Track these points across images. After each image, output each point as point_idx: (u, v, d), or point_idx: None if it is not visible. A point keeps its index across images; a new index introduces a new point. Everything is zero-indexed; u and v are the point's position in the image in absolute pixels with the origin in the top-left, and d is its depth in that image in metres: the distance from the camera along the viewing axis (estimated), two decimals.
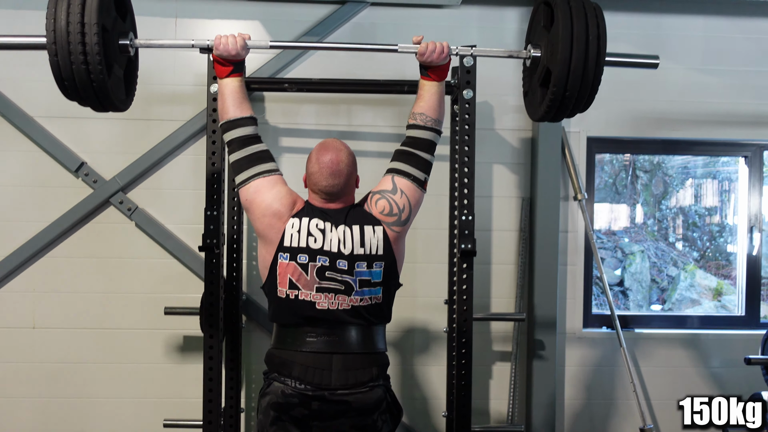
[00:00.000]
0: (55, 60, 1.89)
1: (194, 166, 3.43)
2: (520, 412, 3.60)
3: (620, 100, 3.58)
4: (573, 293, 3.60)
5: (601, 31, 1.99)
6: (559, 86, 2.01)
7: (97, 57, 1.88)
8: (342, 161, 2.12)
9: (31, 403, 3.46)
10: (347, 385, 2.04)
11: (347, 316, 2.06)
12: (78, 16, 1.84)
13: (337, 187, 2.11)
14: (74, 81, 1.93)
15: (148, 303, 3.44)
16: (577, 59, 1.97)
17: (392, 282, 2.15)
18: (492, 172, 3.54)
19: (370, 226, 2.10)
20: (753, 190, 3.77)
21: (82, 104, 2.07)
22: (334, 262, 2.05)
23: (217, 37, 2.11)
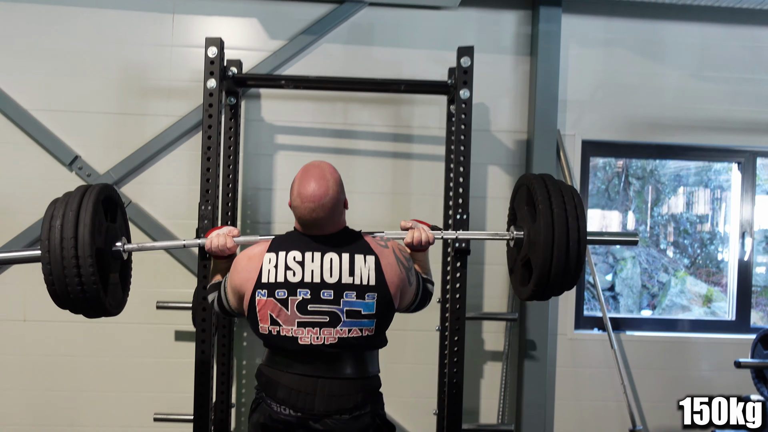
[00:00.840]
0: (49, 278, 1.93)
1: (189, 161, 3.43)
2: (510, 411, 3.60)
3: (616, 104, 3.60)
4: (565, 294, 3.60)
5: (581, 218, 2.01)
6: (543, 273, 2.02)
7: (92, 278, 1.93)
8: (326, 195, 1.97)
9: (21, 396, 3.45)
10: (330, 411, 1.97)
11: (333, 350, 1.97)
12: (72, 242, 1.89)
13: (322, 220, 1.99)
14: (70, 296, 1.97)
15: (140, 297, 3.41)
16: (559, 249, 1.99)
17: (388, 312, 2.02)
18: (487, 173, 3.55)
19: (361, 255, 1.99)
20: (745, 196, 3.80)
21: (74, 311, 2.09)
22: (318, 293, 1.96)
23: (208, 240, 2.16)
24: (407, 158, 3.53)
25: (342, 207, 2.05)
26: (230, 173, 3.23)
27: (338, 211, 2.03)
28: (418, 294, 2.13)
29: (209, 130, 2.85)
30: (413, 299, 2.13)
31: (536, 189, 2.05)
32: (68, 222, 1.90)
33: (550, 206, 2.00)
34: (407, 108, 3.52)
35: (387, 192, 3.50)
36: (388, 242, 2.08)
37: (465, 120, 2.86)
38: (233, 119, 3.24)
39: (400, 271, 2.04)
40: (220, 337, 3.21)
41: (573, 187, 2.09)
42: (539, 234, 2.00)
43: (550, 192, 2.04)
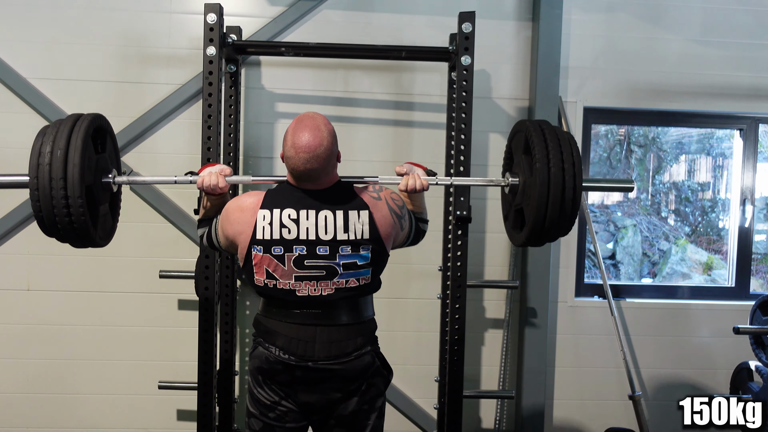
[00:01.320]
0: (36, 204, 1.88)
1: (189, 130, 3.42)
2: (511, 378, 3.64)
3: (618, 70, 3.58)
4: (566, 262, 3.63)
5: (576, 159, 1.97)
6: (538, 218, 1.99)
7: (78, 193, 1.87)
8: (320, 145, 1.95)
9: (25, 365, 3.48)
10: (330, 356, 2.01)
11: (331, 298, 2.01)
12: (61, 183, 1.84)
13: (315, 172, 1.97)
14: (57, 223, 1.90)
15: (143, 266, 3.44)
16: (554, 194, 1.95)
17: (382, 259, 2.07)
18: (488, 140, 3.54)
19: (354, 211, 2.00)
20: (747, 163, 3.79)
21: (60, 240, 2.02)
22: (313, 249, 1.97)
23: (200, 177, 2.12)
24: (408, 126, 3.51)
25: (335, 160, 2.04)
26: (231, 142, 3.22)
27: (332, 164, 2.01)
28: (410, 235, 2.18)
29: (209, 98, 2.83)
30: (406, 239, 2.18)
31: (534, 141, 2.00)
32: (57, 161, 1.84)
33: (547, 162, 1.95)
34: (408, 75, 3.50)
35: (388, 160, 3.49)
36: (380, 192, 2.09)
37: (466, 87, 2.84)
38: (233, 87, 3.22)
39: (393, 221, 2.07)
40: (222, 306, 3.24)
41: (570, 134, 2.05)
42: (535, 188, 1.97)
43: (548, 144, 1.98)
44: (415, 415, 3.59)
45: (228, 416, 3.26)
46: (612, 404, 3.68)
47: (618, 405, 3.66)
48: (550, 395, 3.68)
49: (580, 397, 3.69)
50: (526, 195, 2.05)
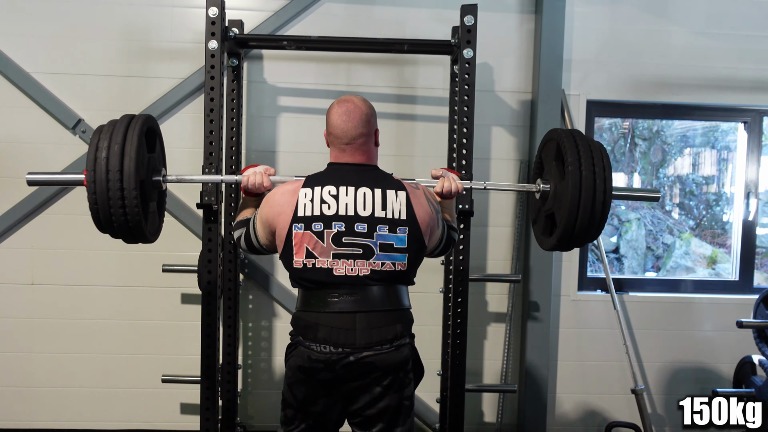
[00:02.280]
0: (93, 198, 1.96)
1: (192, 124, 3.42)
2: (513, 372, 3.64)
3: (621, 63, 3.56)
4: (569, 256, 3.63)
5: (608, 173, 2.06)
6: (568, 225, 2.08)
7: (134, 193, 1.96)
8: (363, 110, 2.09)
9: (29, 358, 3.50)
10: (371, 343, 2.01)
11: (368, 281, 2.02)
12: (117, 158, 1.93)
13: (362, 136, 2.08)
14: (112, 220, 2.00)
15: (146, 260, 3.45)
16: (585, 203, 2.04)
17: (419, 247, 2.08)
18: (491, 134, 3.53)
19: (393, 191, 2.05)
20: (751, 156, 3.78)
21: (114, 236, 2.12)
22: (352, 225, 2.00)
23: (245, 177, 2.22)
24: (411, 119, 3.50)
25: (375, 134, 2.15)
26: (233, 136, 3.22)
27: (373, 132, 2.13)
28: (442, 239, 2.22)
29: (211, 92, 2.83)
30: (438, 243, 2.21)
31: (566, 147, 2.09)
32: (114, 155, 1.93)
33: (579, 166, 2.04)
34: (411, 68, 3.49)
35: (390, 154, 3.49)
36: (419, 185, 2.17)
37: (468, 80, 2.83)
38: (235, 81, 3.22)
39: (430, 210, 2.11)
40: (225, 300, 3.25)
41: (601, 144, 2.13)
42: (567, 192, 2.06)
43: (580, 150, 2.07)
44: (418, 408, 3.59)
45: (231, 410, 3.27)
46: (614, 398, 3.68)
47: (620, 399, 3.66)
48: (553, 389, 3.68)
49: (582, 391, 3.70)
50: (557, 200, 2.15)
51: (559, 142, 2.15)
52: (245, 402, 3.59)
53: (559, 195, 2.15)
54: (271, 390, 3.58)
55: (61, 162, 3.38)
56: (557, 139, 2.17)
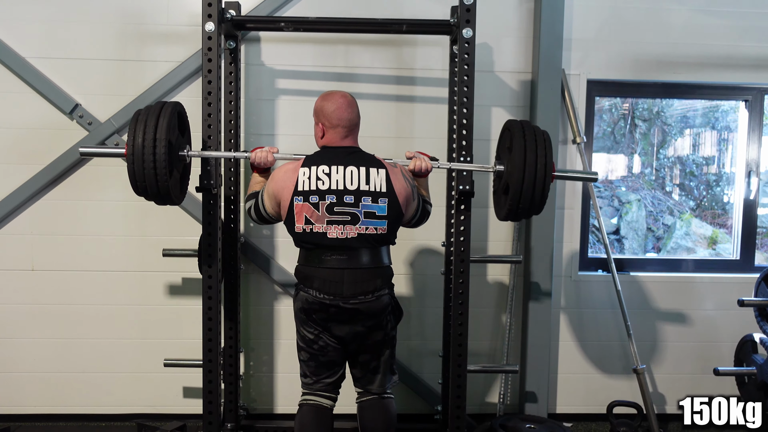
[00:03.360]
0: (131, 168, 2.42)
1: (190, 107, 3.34)
2: (515, 352, 3.65)
3: (621, 41, 3.53)
4: (570, 236, 3.62)
5: (548, 154, 2.48)
6: (514, 200, 2.52)
7: (164, 164, 2.41)
8: (351, 102, 2.59)
9: (30, 345, 3.51)
10: (356, 293, 2.47)
11: (355, 243, 2.46)
12: (152, 133, 2.40)
13: (353, 121, 2.57)
14: (145, 182, 2.44)
15: (146, 245, 3.45)
16: (528, 181, 2.46)
17: (396, 215, 2.51)
18: (491, 114, 3.51)
19: (374, 168, 2.50)
20: (752, 134, 3.76)
21: (147, 199, 2.53)
22: (341, 197, 2.45)
23: (253, 154, 2.66)
24: (410, 101, 3.49)
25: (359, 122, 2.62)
26: (232, 119, 3.20)
27: (359, 119, 2.61)
28: (418, 209, 2.66)
29: (209, 74, 2.81)
30: (415, 213, 2.64)
31: (515, 135, 2.52)
32: (149, 133, 2.40)
33: (524, 151, 2.46)
34: (410, 49, 3.46)
35: (391, 136, 3.47)
36: (396, 164, 2.62)
37: (468, 60, 2.81)
38: (233, 64, 3.20)
39: (406, 185, 2.56)
40: (226, 284, 3.24)
41: (546, 132, 2.54)
42: (514, 172, 2.48)
43: (526, 137, 2.49)
44: (420, 390, 3.61)
45: (234, 392, 3.28)
46: (616, 378, 3.69)
47: (622, 378, 3.68)
48: (555, 369, 3.69)
49: (584, 371, 3.71)
50: (509, 175, 2.53)
51: (510, 130, 2.57)
52: (247, 385, 3.59)
53: (509, 174, 2.54)
54: (273, 373, 3.59)
55: (60, 147, 3.37)
56: (509, 127, 2.60)
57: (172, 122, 2.49)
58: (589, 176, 2.84)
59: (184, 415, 3.52)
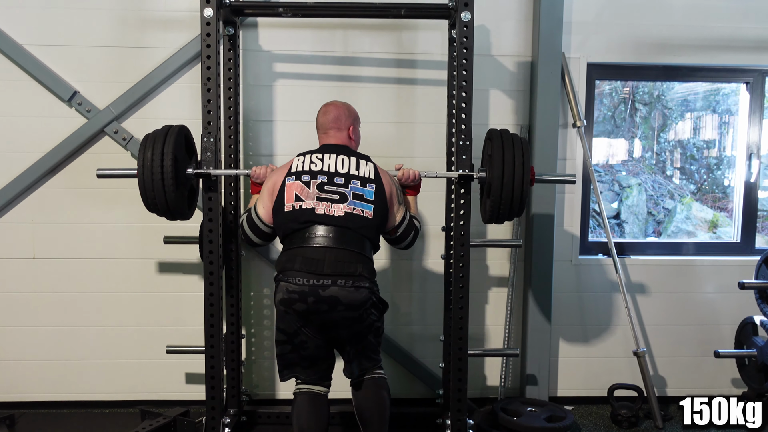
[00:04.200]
0: (142, 186, 2.61)
1: (189, 93, 3.39)
2: (515, 336, 3.66)
3: (622, 24, 3.51)
4: (570, 221, 3.62)
5: (526, 162, 2.62)
6: (495, 205, 2.68)
7: (171, 181, 2.60)
8: (337, 106, 2.76)
9: (33, 333, 3.52)
10: (336, 272, 2.47)
11: (341, 221, 2.52)
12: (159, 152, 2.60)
13: (336, 119, 2.72)
14: (155, 199, 2.63)
15: (147, 232, 3.45)
16: (507, 187, 2.62)
17: (382, 204, 2.60)
18: (490, 98, 3.50)
19: (364, 160, 2.66)
20: (753, 117, 3.75)
21: (159, 215, 2.70)
22: (332, 178, 2.57)
23: (254, 169, 2.81)
24: (410, 85, 3.47)
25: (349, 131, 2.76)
26: (231, 105, 3.19)
27: (344, 120, 2.74)
28: (405, 218, 2.72)
29: (208, 60, 2.80)
30: (402, 220, 2.71)
31: (494, 142, 2.69)
32: (156, 155, 2.59)
33: (502, 158, 2.63)
34: (409, 34, 3.45)
35: (391, 121, 3.47)
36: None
37: (466, 44, 2.79)
38: (232, 50, 3.18)
39: (393, 183, 2.70)
40: (227, 270, 3.25)
41: (524, 140, 2.70)
42: (494, 178, 2.64)
43: (504, 145, 2.65)
44: (421, 374, 3.63)
45: (236, 378, 3.29)
46: (617, 361, 3.70)
47: (623, 361, 3.69)
48: (555, 353, 3.70)
49: (584, 354, 3.72)
50: (491, 181, 2.67)
51: (491, 139, 2.73)
52: (249, 371, 3.61)
53: (490, 181, 2.68)
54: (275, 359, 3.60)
55: (59, 135, 3.36)
56: (490, 137, 2.75)
57: (179, 142, 2.66)
58: (567, 179, 2.99)
59: (187, 401, 3.54)
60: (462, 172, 2.80)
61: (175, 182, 2.62)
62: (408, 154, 3.47)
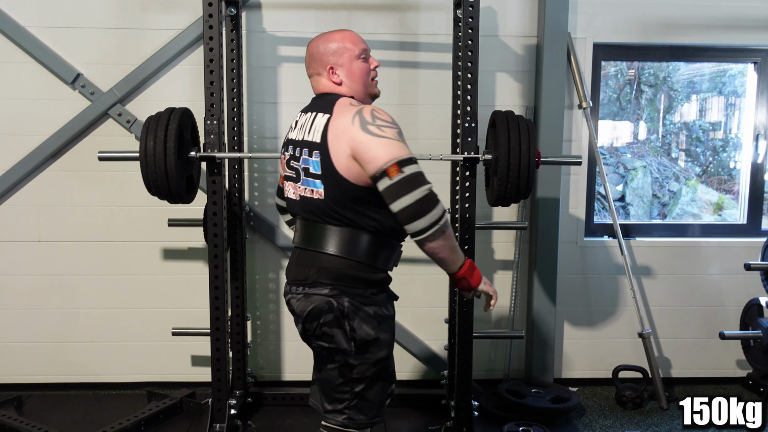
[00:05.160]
0: (144, 169, 2.59)
1: (192, 76, 3.37)
2: (520, 318, 3.66)
3: (628, 3, 3.47)
4: (576, 202, 3.61)
5: (531, 143, 2.58)
6: (501, 187, 2.63)
7: (173, 164, 2.58)
8: (309, 46, 2.09)
9: (39, 314, 3.53)
10: (290, 281, 2.01)
11: (298, 207, 2.01)
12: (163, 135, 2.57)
13: (308, 66, 2.08)
14: (157, 182, 2.61)
15: (152, 215, 3.45)
16: (513, 169, 2.57)
17: (331, 175, 1.88)
18: (495, 80, 3.47)
19: (321, 113, 1.94)
20: (761, 97, 3.71)
21: (161, 198, 2.68)
22: (294, 150, 2.01)
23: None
24: (414, 67, 3.45)
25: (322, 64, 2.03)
26: (234, 87, 3.18)
27: (316, 64, 2.04)
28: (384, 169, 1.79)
29: (210, 41, 2.77)
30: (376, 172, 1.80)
31: (499, 124, 2.64)
32: (159, 138, 2.57)
33: (508, 140, 2.58)
34: (413, 14, 3.42)
35: (394, 103, 3.44)
36: (364, 107, 1.90)
37: (472, 24, 2.77)
38: (234, 31, 3.16)
39: (351, 137, 1.84)
40: (232, 252, 3.25)
41: (530, 121, 2.64)
42: (500, 159, 2.59)
43: (509, 127, 2.60)
44: (426, 356, 3.64)
45: (242, 360, 3.31)
46: (621, 342, 3.70)
47: (627, 343, 3.69)
48: (560, 335, 3.71)
49: (589, 336, 3.72)
50: (497, 163, 2.63)
51: (496, 122, 2.68)
52: (255, 353, 3.62)
53: (496, 163, 2.65)
54: (280, 341, 3.62)
55: (64, 117, 3.35)
56: (495, 119, 2.71)
57: (182, 124, 2.63)
58: (573, 160, 2.96)
59: (193, 383, 3.56)
60: (467, 154, 2.78)
61: (178, 165, 2.59)
62: (412, 136, 3.45)
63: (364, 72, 2.05)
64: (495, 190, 2.68)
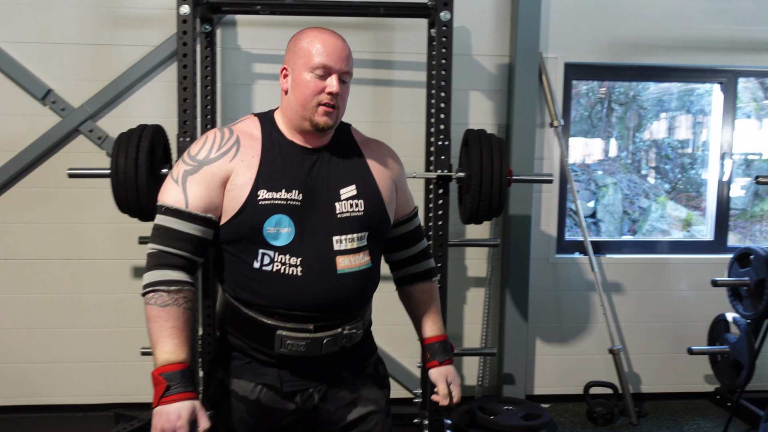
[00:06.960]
0: (115, 187, 2.59)
1: (165, 92, 3.35)
2: (493, 335, 3.68)
3: (599, 25, 3.54)
4: (547, 219, 3.65)
5: (503, 162, 2.65)
6: (473, 204, 2.70)
7: (145, 181, 2.57)
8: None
9: (3, 335, 3.45)
10: None
11: None
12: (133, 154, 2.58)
13: None
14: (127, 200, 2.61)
15: (121, 233, 3.40)
16: (485, 187, 2.65)
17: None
18: (469, 98, 3.51)
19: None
20: (727, 116, 3.81)
21: (131, 216, 2.70)
22: None
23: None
24: (388, 85, 3.47)
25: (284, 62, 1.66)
26: (208, 104, 3.16)
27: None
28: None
29: (184, 58, 2.77)
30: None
31: (471, 143, 2.71)
32: (130, 155, 2.57)
33: (480, 159, 2.65)
34: (387, 33, 3.45)
35: (368, 120, 3.46)
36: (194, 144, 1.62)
37: (446, 43, 2.80)
38: (209, 47, 3.15)
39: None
40: (204, 271, 3.22)
41: (502, 139, 2.74)
42: (473, 177, 2.66)
43: (482, 146, 2.68)
44: (399, 374, 3.63)
45: None
46: (592, 358, 3.73)
47: (598, 359, 3.72)
48: (532, 351, 3.73)
49: (561, 352, 3.75)
50: (469, 182, 2.70)
51: (469, 140, 2.75)
52: None
53: (468, 181, 2.71)
54: None
55: (33, 133, 3.30)
56: (468, 138, 2.78)
57: (154, 141, 2.64)
58: (544, 178, 3.04)
59: None
60: (441, 172, 2.80)
61: (149, 182, 2.58)
62: None
63: (308, 89, 1.56)
64: (468, 207, 2.73)
